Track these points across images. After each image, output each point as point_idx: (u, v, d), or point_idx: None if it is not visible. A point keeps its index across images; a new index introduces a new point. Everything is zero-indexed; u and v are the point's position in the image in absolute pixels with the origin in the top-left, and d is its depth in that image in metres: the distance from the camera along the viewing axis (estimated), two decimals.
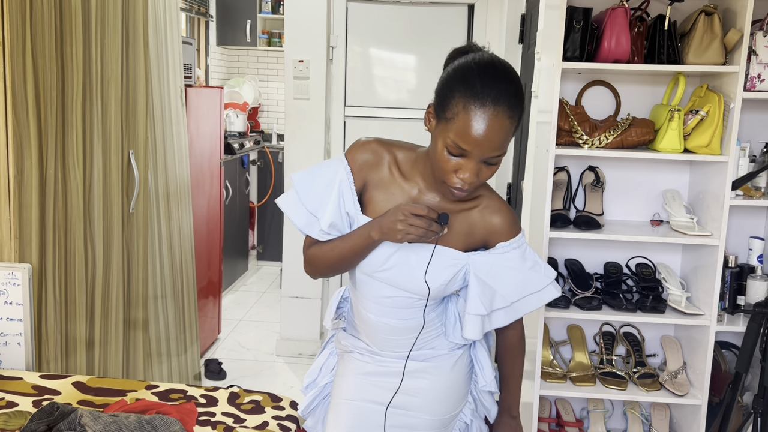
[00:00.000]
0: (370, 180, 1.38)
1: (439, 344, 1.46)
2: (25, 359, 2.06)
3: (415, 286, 1.35)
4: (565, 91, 2.42)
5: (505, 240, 1.36)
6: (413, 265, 1.34)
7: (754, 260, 2.35)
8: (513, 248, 1.36)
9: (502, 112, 1.16)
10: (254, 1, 5.62)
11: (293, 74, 3.53)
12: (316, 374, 1.60)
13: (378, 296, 1.40)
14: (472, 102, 1.16)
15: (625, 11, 2.14)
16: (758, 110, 2.36)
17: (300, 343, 3.68)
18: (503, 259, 1.35)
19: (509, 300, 1.37)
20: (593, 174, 2.41)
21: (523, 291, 1.37)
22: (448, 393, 1.47)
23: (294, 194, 1.37)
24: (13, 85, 1.98)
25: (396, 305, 1.40)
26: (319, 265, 1.41)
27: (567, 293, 2.36)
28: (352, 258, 1.36)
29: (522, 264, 1.36)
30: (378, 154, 1.37)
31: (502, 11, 3.42)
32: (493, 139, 1.17)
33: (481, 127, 1.16)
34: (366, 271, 1.39)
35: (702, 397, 2.25)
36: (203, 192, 3.57)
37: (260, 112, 6.10)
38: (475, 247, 1.38)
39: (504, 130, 1.18)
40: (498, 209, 1.36)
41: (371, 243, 1.32)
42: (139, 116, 2.46)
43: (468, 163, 1.20)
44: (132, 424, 1.59)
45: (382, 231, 1.28)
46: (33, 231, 2.08)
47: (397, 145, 1.39)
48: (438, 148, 1.22)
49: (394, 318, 1.41)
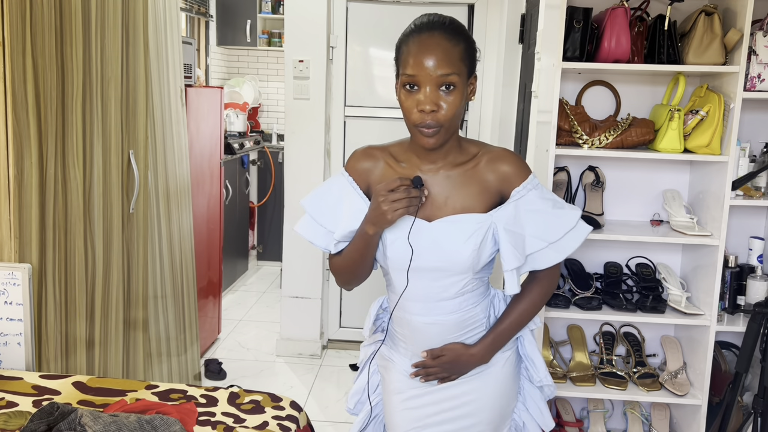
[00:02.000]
0: (372, 181, 1.42)
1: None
2: (25, 359, 2.06)
3: (452, 259, 1.34)
4: (565, 91, 2.42)
5: (518, 185, 1.36)
6: (439, 239, 1.34)
7: (754, 260, 2.35)
8: (528, 190, 1.36)
9: (438, 34, 1.27)
10: (254, 1, 5.62)
11: (293, 74, 3.53)
12: (361, 394, 1.58)
13: (422, 290, 1.39)
14: (410, 37, 1.30)
15: (625, 11, 2.14)
16: (758, 110, 2.36)
17: (300, 343, 3.68)
18: (523, 203, 1.36)
19: (547, 239, 1.36)
20: (593, 174, 2.41)
21: (558, 230, 1.36)
22: (498, 396, 1.47)
23: (308, 218, 1.44)
24: (13, 85, 1.98)
25: (442, 292, 1.38)
26: (341, 274, 1.46)
27: (567, 293, 2.36)
28: (361, 259, 1.38)
29: (543, 204, 1.37)
30: (373, 156, 1.43)
31: (502, 11, 3.42)
32: (433, 56, 1.25)
33: (420, 49, 1.27)
34: (399, 268, 1.38)
35: (702, 397, 2.25)
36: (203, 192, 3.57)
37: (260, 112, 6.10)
38: (494, 204, 1.38)
39: (442, 48, 1.26)
40: (501, 156, 1.38)
41: (370, 238, 1.34)
42: (139, 116, 2.46)
43: (422, 92, 1.27)
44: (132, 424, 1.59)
45: (372, 222, 1.32)
46: (33, 231, 2.08)
47: (389, 143, 1.45)
48: (401, 99, 1.31)
49: (442, 313, 1.40)
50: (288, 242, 3.69)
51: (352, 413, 1.62)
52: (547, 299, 1.47)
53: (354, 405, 1.60)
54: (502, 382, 1.47)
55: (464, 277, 1.37)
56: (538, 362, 1.50)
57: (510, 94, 3.37)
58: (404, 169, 1.39)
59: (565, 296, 2.32)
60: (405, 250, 1.35)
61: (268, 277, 5.30)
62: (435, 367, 1.42)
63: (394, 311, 1.47)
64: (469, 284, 1.39)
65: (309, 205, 1.43)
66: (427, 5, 3.55)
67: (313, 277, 3.67)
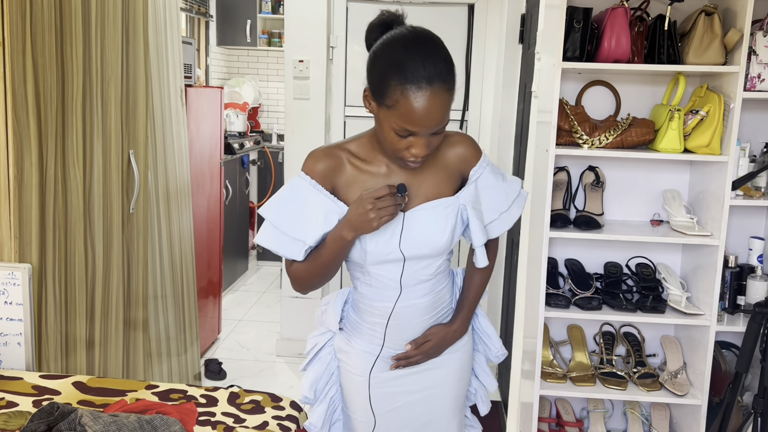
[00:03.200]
0: (337, 183, 1.39)
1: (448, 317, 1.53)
2: (26, 359, 2.06)
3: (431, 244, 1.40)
4: (565, 91, 2.42)
5: (474, 164, 1.45)
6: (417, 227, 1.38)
7: (754, 260, 2.35)
8: (483, 168, 1.45)
9: (439, 88, 1.21)
10: (254, 1, 5.62)
11: (293, 74, 3.53)
12: (318, 381, 1.56)
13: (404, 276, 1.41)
14: (409, 88, 1.20)
15: (625, 11, 2.14)
16: (758, 110, 2.36)
17: (300, 343, 3.68)
18: (482, 181, 1.44)
19: (499, 210, 1.46)
20: (593, 174, 2.41)
21: (507, 200, 1.47)
22: (463, 371, 1.56)
23: (270, 227, 1.39)
24: (13, 85, 1.98)
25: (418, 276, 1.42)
26: (306, 279, 1.43)
27: (567, 293, 2.36)
28: (332, 263, 1.38)
29: (495, 179, 1.47)
30: (334, 156, 1.40)
31: (502, 11, 3.41)
32: (436, 116, 1.23)
33: (423, 109, 1.21)
34: (378, 261, 1.39)
35: (702, 397, 2.25)
36: (203, 192, 3.57)
37: (260, 112, 6.11)
38: (458, 186, 1.45)
39: (443, 103, 1.23)
40: (456, 139, 1.45)
41: (347, 243, 1.34)
42: (139, 116, 2.46)
43: (417, 140, 1.26)
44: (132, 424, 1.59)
45: (354, 227, 1.31)
46: (33, 231, 2.08)
47: (345, 141, 1.43)
48: (386, 132, 1.28)
49: (416, 297, 1.44)
50: None
51: (307, 402, 1.58)
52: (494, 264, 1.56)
53: (313, 394, 1.55)
54: (465, 358, 1.57)
55: (438, 259, 1.43)
56: (492, 334, 1.61)
57: (510, 94, 3.37)
58: (370, 166, 1.39)
59: (565, 296, 2.32)
60: (385, 244, 1.37)
61: (268, 277, 5.30)
62: (419, 356, 1.47)
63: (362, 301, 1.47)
64: (442, 265, 1.45)
65: (269, 213, 1.38)
66: (427, 5, 3.55)
67: None
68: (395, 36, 1.26)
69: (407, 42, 1.24)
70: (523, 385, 2.46)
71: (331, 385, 1.57)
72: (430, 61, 1.21)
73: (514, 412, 2.59)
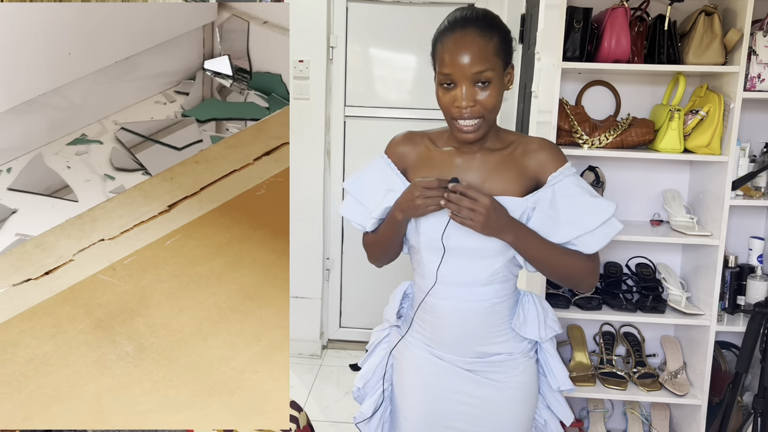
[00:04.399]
0: (410, 164, 1.45)
1: (508, 339, 1.44)
2: None
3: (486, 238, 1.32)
4: (565, 91, 2.42)
5: (554, 171, 1.36)
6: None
7: (754, 260, 2.35)
8: (566, 176, 1.36)
9: (471, 31, 1.28)
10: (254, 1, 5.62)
11: (293, 74, 3.53)
12: (371, 374, 1.56)
13: (454, 271, 1.38)
14: (444, 35, 1.30)
15: (625, 11, 2.14)
16: (758, 110, 2.36)
17: (300, 343, 3.68)
18: (560, 188, 1.35)
19: (583, 226, 1.33)
20: (593, 174, 2.41)
21: (593, 219, 1.34)
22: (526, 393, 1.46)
23: (350, 198, 1.49)
24: None
25: (473, 275, 1.38)
26: (372, 251, 1.51)
27: (567, 293, 2.36)
28: (390, 240, 1.43)
29: (580, 191, 1.35)
30: (412, 141, 1.46)
31: (502, 11, 3.41)
32: (468, 54, 1.26)
33: (455, 48, 1.28)
34: (431, 244, 1.38)
35: (702, 397, 2.25)
36: None
37: None
38: (530, 190, 1.38)
39: (476, 44, 1.27)
40: (539, 144, 1.39)
41: (398, 223, 1.38)
42: None
43: (459, 89, 1.29)
44: None
45: (402, 209, 1.35)
46: None
47: (428, 130, 1.48)
48: (438, 95, 1.33)
49: (469, 299, 1.39)
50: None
51: (358, 397, 1.59)
52: (582, 278, 1.40)
53: (363, 385, 1.56)
54: (522, 393, 1.46)
55: (496, 262, 1.36)
56: (557, 370, 1.48)
57: (510, 94, 3.37)
58: (442, 153, 1.41)
59: (565, 296, 2.32)
60: (437, 230, 1.35)
61: None
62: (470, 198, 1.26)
63: (417, 294, 1.46)
64: (500, 272, 1.38)
65: (350, 185, 1.48)
66: (428, 5, 3.55)
67: (313, 277, 3.67)
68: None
69: (454, 11, 1.35)
70: None
71: (384, 382, 1.54)
72: (468, 12, 1.31)
73: None
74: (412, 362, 1.48)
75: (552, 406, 1.53)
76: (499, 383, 1.44)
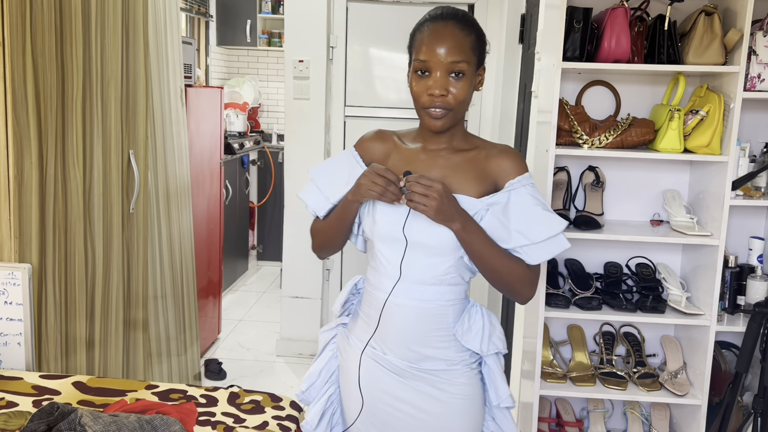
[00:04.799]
0: (377, 159, 1.48)
1: (448, 347, 1.43)
2: (26, 359, 2.06)
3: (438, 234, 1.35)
4: (565, 91, 2.42)
5: (513, 178, 1.39)
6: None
7: (754, 260, 2.35)
8: (523, 185, 1.38)
9: (451, 23, 1.34)
10: (254, 1, 5.62)
11: (293, 74, 3.53)
12: (316, 378, 1.56)
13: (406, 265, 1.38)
14: (424, 25, 1.37)
15: (625, 11, 2.14)
16: (758, 110, 2.36)
17: (300, 343, 3.68)
18: (515, 196, 1.37)
19: (530, 238, 1.35)
20: (593, 174, 2.41)
21: (542, 232, 1.36)
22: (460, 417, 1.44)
23: (311, 184, 1.51)
24: (13, 85, 1.98)
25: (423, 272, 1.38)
26: (316, 237, 1.54)
27: (567, 293, 2.36)
28: (338, 224, 1.46)
29: (534, 202, 1.37)
30: (382, 137, 1.51)
31: (502, 11, 3.41)
32: (446, 44, 1.32)
33: (433, 36, 1.33)
34: (385, 236, 1.39)
35: (702, 397, 2.25)
36: (203, 192, 3.57)
37: (260, 112, 6.10)
38: (487, 194, 1.39)
39: (455, 37, 1.32)
40: (504, 151, 1.43)
41: (349, 204, 1.41)
42: (139, 116, 2.46)
43: (433, 77, 1.33)
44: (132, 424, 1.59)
45: (353, 190, 1.39)
46: (33, 231, 2.08)
47: (399, 131, 1.54)
48: (411, 83, 1.37)
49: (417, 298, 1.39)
50: (288, 242, 3.69)
51: (302, 400, 1.58)
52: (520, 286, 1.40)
53: (307, 388, 1.55)
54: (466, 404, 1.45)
55: (447, 260, 1.38)
56: (499, 386, 1.46)
57: (510, 94, 3.37)
58: (409, 150, 1.45)
59: (565, 296, 2.32)
60: (393, 220, 1.38)
61: (268, 277, 5.30)
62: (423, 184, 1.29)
63: (367, 289, 1.48)
64: (450, 272, 1.39)
65: (314, 173, 1.52)
66: (428, 5, 3.55)
67: (313, 277, 3.67)
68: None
69: (437, 6, 1.41)
70: (523, 385, 2.46)
71: (330, 385, 1.55)
72: (447, 9, 1.37)
73: (514, 412, 2.59)
74: (355, 364, 1.48)
75: (497, 418, 1.51)
76: (441, 393, 1.43)
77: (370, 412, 1.47)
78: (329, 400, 1.54)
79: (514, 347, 2.65)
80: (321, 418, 1.53)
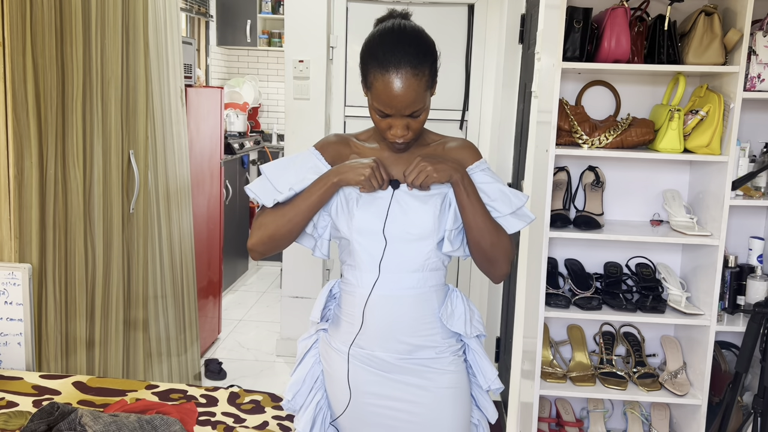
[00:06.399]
0: (340, 161, 1.47)
1: (435, 332, 1.45)
2: (25, 359, 2.06)
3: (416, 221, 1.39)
4: (565, 91, 2.42)
5: (471, 164, 1.46)
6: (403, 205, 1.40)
7: (754, 260, 2.35)
8: (481, 170, 1.46)
9: (406, 73, 1.30)
10: (254, 1, 5.62)
11: (293, 74, 3.53)
12: (300, 385, 1.53)
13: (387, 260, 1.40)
14: (379, 71, 1.32)
15: (625, 11, 2.14)
16: (758, 110, 2.36)
17: None
18: (476, 178, 1.44)
19: (502, 211, 1.43)
20: (593, 174, 2.41)
21: (505, 207, 1.43)
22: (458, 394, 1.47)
23: (262, 178, 1.48)
24: (13, 85, 1.98)
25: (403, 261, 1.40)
26: (266, 228, 1.43)
27: (567, 293, 2.36)
28: (306, 208, 1.40)
29: (492, 180, 1.45)
30: (343, 140, 1.51)
31: (502, 11, 3.41)
32: (405, 98, 1.31)
33: (391, 91, 1.31)
34: (364, 230, 1.39)
35: (702, 397, 2.25)
36: (203, 192, 3.57)
37: (260, 112, 6.11)
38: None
39: (412, 87, 1.31)
40: (460, 142, 1.50)
41: (331, 186, 1.39)
42: (139, 116, 2.46)
43: (395, 121, 1.36)
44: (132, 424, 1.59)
45: (341, 173, 1.38)
46: (33, 231, 2.08)
47: (356, 132, 1.55)
48: (371, 113, 1.40)
49: (399, 287, 1.40)
50: None
51: (288, 409, 1.56)
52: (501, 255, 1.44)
53: (293, 397, 1.53)
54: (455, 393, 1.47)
55: (426, 245, 1.40)
56: (486, 369, 1.51)
57: (510, 94, 3.37)
58: (371, 149, 1.48)
59: (565, 296, 2.32)
60: (371, 214, 1.39)
61: (268, 277, 5.30)
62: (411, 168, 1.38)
63: (345, 290, 1.47)
64: (431, 258, 1.41)
65: (266, 168, 1.48)
66: (427, 5, 3.55)
67: (313, 277, 3.67)
68: (379, 27, 1.39)
69: (384, 31, 1.36)
70: (523, 385, 2.46)
71: (316, 391, 1.53)
72: (399, 47, 1.31)
73: (514, 412, 2.59)
74: (342, 365, 1.47)
75: (481, 405, 1.55)
76: (431, 383, 1.44)
77: (360, 416, 1.47)
78: (318, 406, 1.53)
79: (514, 347, 2.65)
80: (312, 426, 1.51)
